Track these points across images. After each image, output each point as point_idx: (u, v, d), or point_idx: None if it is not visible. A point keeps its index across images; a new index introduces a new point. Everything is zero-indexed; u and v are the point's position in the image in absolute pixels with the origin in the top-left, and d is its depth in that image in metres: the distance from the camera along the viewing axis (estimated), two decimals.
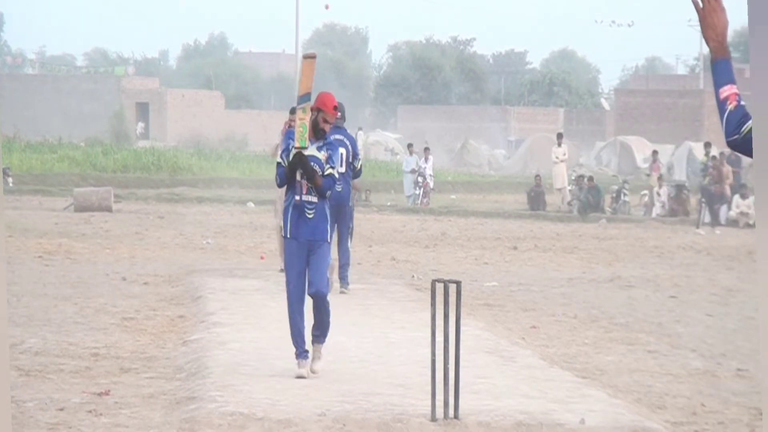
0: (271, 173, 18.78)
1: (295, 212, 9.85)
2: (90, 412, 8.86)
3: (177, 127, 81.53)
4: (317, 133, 9.98)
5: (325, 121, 9.98)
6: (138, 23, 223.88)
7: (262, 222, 28.54)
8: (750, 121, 4.45)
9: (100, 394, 9.42)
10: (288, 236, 9.85)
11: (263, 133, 77.57)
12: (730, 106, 4.55)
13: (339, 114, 16.49)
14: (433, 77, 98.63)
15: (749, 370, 11.36)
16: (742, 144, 4.49)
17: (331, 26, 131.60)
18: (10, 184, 39.89)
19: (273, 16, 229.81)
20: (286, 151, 9.83)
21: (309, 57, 9.93)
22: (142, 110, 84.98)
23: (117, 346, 11.68)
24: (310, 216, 9.85)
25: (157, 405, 9.12)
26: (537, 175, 39.85)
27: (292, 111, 17.93)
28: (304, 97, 9.83)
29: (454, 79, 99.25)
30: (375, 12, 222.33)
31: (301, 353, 9.97)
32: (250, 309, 14.02)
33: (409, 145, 44.30)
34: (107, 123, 72.32)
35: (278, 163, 9.88)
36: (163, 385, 9.90)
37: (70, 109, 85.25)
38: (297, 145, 9.72)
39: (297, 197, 9.84)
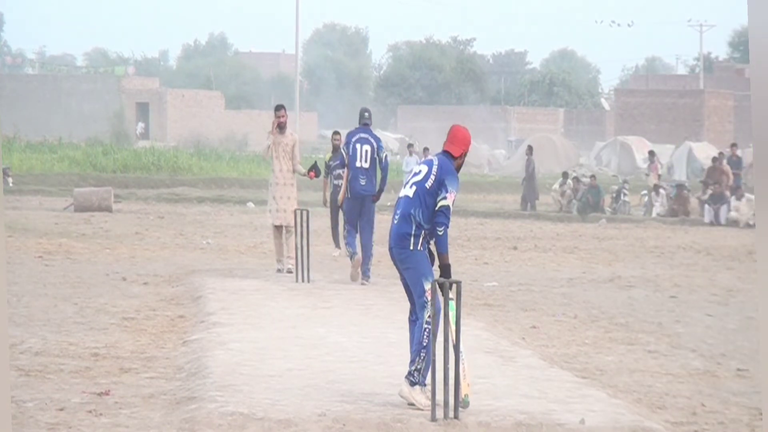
0: (267, 172, 18.88)
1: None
2: (90, 412, 8.86)
3: (177, 127, 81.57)
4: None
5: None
6: (138, 23, 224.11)
7: (262, 222, 28.52)
8: None
9: (100, 394, 9.42)
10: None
11: (263, 133, 77.50)
12: None
13: (367, 115, 17.00)
14: (433, 77, 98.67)
15: (749, 370, 11.36)
16: None
17: (331, 26, 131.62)
18: (10, 184, 39.90)
19: (273, 16, 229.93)
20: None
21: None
22: (142, 110, 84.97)
23: (117, 346, 11.68)
24: None
25: (157, 405, 9.12)
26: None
27: (277, 108, 18.05)
28: None
29: (454, 79, 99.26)
30: (375, 12, 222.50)
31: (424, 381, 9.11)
32: (250, 309, 14.01)
33: (410, 146, 44.36)
34: (107, 123, 72.37)
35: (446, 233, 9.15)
36: (163, 385, 9.89)
37: (70, 109, 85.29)
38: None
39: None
